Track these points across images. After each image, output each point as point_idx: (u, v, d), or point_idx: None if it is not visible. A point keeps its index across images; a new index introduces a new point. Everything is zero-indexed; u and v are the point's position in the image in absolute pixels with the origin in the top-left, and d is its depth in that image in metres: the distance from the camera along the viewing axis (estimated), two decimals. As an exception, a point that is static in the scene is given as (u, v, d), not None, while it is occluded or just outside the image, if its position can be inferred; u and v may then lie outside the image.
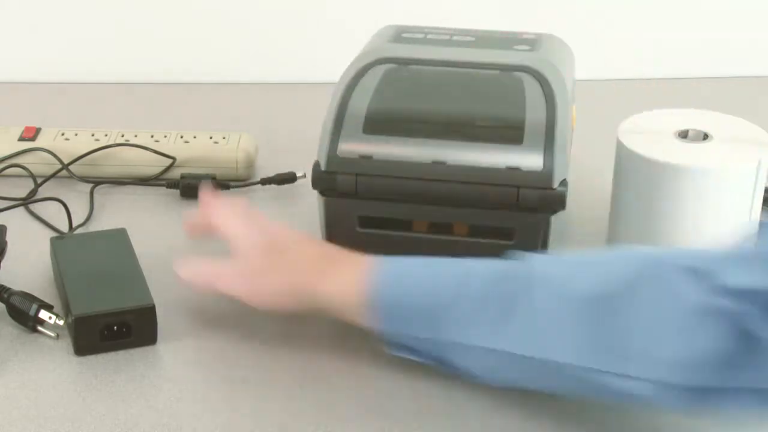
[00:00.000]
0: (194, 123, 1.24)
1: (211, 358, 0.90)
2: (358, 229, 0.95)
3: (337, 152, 0.94)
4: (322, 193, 0.95)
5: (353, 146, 0.93)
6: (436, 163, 0.92)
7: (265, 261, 0.89)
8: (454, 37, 1.05)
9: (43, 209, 1.09)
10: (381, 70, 0.98)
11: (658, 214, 0.98)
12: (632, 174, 1.00)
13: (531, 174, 0.91)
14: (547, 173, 0.90)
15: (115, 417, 0.83)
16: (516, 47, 1.02)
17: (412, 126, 0.94)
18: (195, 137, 1.19)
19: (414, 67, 0.99)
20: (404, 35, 1.06)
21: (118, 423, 0.82)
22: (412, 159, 0.92)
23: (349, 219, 0.95)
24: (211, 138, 1.19)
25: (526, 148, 0.91)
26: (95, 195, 1.13)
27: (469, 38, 1.05)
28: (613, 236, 1.05)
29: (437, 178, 0.92)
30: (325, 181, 0.94)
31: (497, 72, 0.97)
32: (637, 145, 0.99)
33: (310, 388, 0.86)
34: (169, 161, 1.15)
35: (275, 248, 0.89)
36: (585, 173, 1.15)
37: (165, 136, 1.19)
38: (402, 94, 0.96)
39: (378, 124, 0.94)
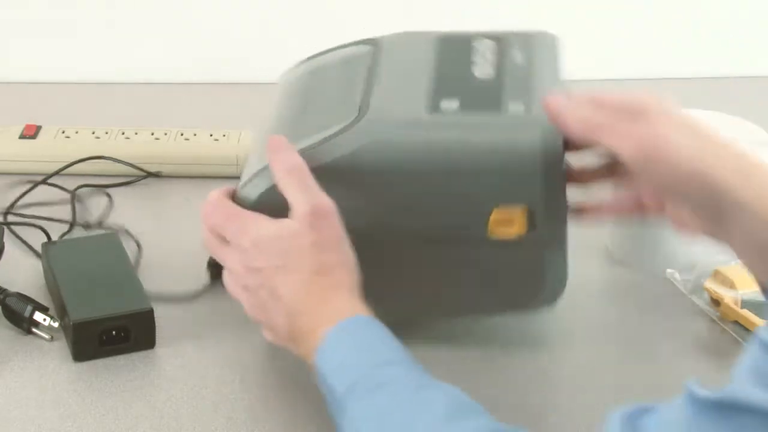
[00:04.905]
0: (194, 122, 1.24)
1: (209, 360, 0.90)
2: None
3: None
4: None
5: None
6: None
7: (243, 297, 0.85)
8: None
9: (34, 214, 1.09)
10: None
11: (658, 214, 0.98)
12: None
13: None
14: None
15: (115, 417, 0.83)
16: None
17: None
18: (195, 135, 1.19)
19: None
20: None
21: (118, 424, 0.82)
22: None
23: None
24: (211, 135, 1.19)
25: None
26: (76, 199, 1.12)
27: None
28: (613, 236, 1.05)
29: None
30: None
31: None
32: (637, 145, 0.99)
33: (309, 388, 0.86)
34: (156, 166, 1.16)
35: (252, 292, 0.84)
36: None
37: (165, 134, 1.19)
38: None
39: None
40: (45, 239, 1.03)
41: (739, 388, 0.55)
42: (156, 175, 1.16)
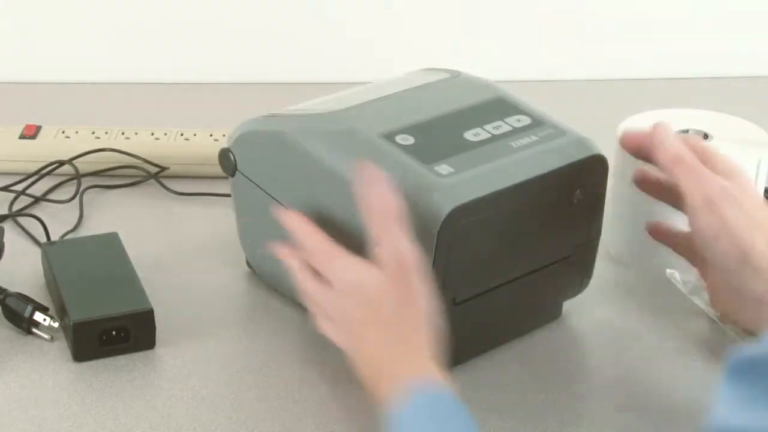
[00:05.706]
0: (194, 122, 1.23)
1: (209, 360, 0.90)
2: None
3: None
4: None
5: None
6: None
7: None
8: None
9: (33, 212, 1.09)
10: None
11: (658, 214, 0.98)
12: (632, 174, 0.99)
13: None
14: None
15: (115, 417, 0.83)
16: None
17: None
18: (195, 135, 1.19)
19: None
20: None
21: (118, 424, 0.82)
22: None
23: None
24: (211, 135, 1.19)
25: None
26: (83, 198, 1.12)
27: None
28: (613, 236, 1.05)
29: None
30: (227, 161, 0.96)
31: None
32: (637, 145, 0.99)
33: (309, 388, 0.86)
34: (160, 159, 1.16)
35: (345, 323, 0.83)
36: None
37: (165, 134, 1.19)
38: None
39: None
40: (45, 239, 1.03)
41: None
42: (163, 168, 1.16)
